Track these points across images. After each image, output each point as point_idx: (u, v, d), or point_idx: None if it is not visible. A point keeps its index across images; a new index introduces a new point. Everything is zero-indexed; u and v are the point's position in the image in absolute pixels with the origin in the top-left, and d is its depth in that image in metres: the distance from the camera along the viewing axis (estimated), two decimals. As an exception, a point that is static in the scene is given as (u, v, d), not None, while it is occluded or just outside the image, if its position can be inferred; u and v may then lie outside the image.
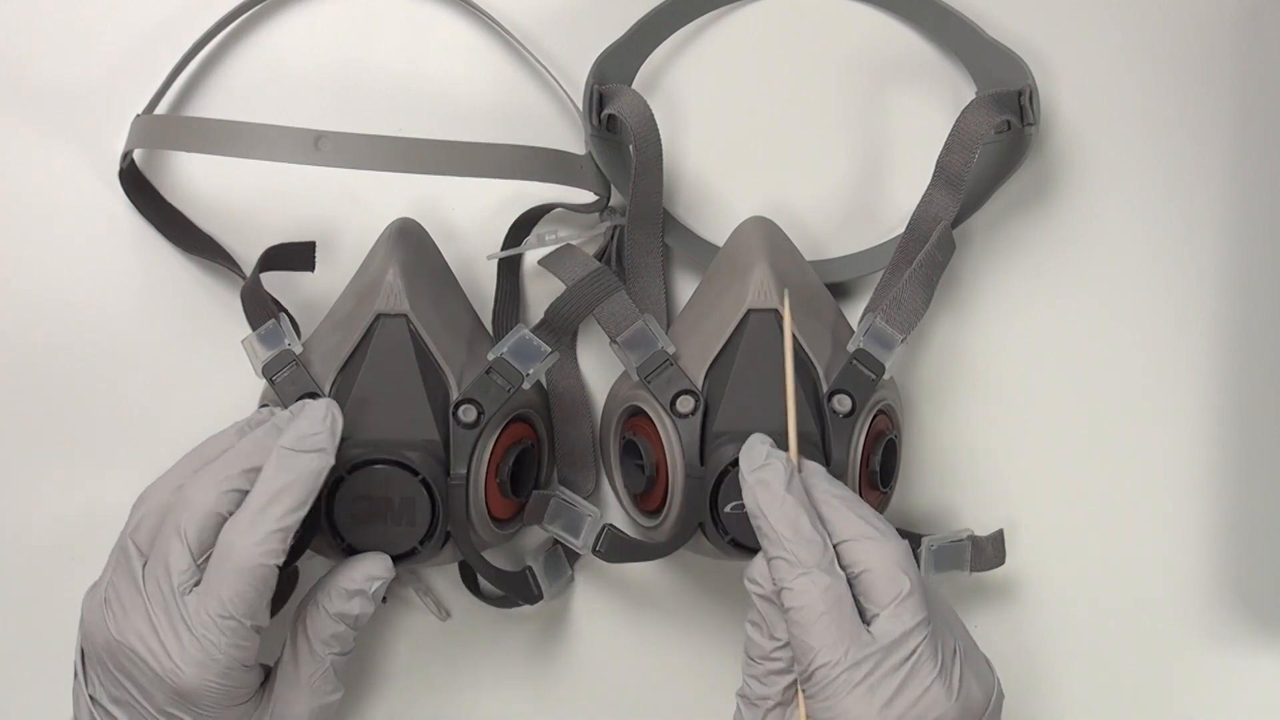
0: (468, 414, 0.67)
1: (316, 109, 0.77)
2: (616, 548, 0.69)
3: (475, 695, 0.77)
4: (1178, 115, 0.77)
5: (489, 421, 0.67)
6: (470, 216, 0.77)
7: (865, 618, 0.61)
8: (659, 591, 0.77)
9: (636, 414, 0.69)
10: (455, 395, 0.67)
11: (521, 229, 0.76)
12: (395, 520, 0.66)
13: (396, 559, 0.66)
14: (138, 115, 0.74)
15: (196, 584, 0.61)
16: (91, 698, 0.64)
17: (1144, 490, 0.76)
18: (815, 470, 0.64)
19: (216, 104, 0.77)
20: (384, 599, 0.76)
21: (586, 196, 0.75)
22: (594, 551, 0.69)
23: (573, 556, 0.73)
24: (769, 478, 0.62)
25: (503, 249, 0.75)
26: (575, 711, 0.77)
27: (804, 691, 0.61)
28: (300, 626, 0.66)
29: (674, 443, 0.67)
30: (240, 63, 0.77)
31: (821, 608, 0.60)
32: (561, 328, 0.68)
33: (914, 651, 0.60)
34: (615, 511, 0.75)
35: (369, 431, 0.66)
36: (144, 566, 0.62)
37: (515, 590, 0.70)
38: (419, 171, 0.67)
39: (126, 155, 0.74)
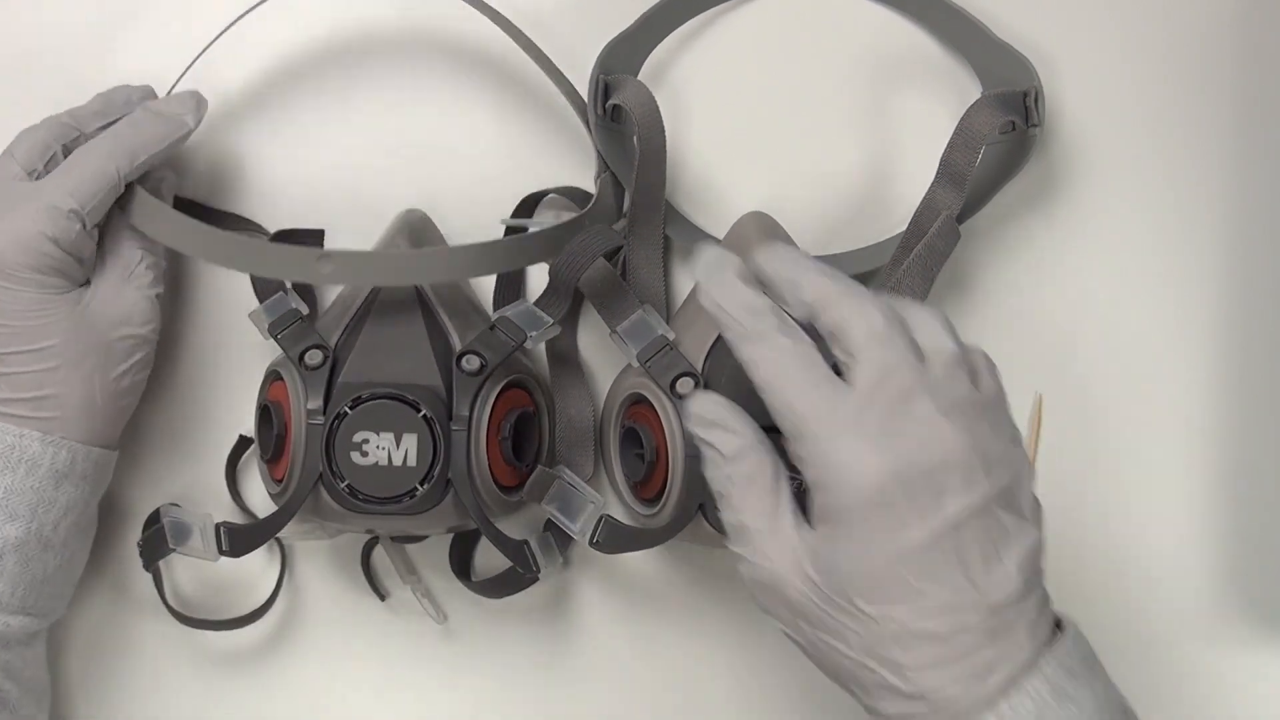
0: (471, 363, 0.68)
1: (313, 105, 0.78)
2: (615, 538, 0.68)
3: (475, 696, 0.77)
4: (1180, 116, 0.77)
5: (491, 373, 0.68)
6: (472, 217, 0.77)
7: (848, 375, 0.56)
8: (659, 588, 0.77)
9: (637, 402, 0.69)
10: (459, 348, 0.68)
11: (530, 207, 0.76)
12: (396, 459, 0.66)
13: (395, 500, 0.66)
14: (139, 186, 0.72)
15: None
16: None
17: (1143, 488, 0.76)
18: (774, 248, 0.59)
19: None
20: (382, 598, 0.76)
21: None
22: (591, 543, 0.68)
23: (563, 544, 0.73)
24: (715, 270, 0.58)
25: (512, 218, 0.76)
26: (576, 711, 0.77)
27: (796, 456, 0.56)
28: (108, 232, 0.71)
29: (674, 425, 0.67)
30: (234, 64, 0.78)
31: (788, 367, 0.56)
32: (565, 283, 0.69)
33: (902, 388, 0.55)
34: (613, 506, 0.74)
35: (373, 377, 0.67)
36: None
37: (513, 557, 0.70)
38: (431, 280, 0.70)
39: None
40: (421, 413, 0.66)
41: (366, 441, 0.66)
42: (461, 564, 0.75)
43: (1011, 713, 0.54)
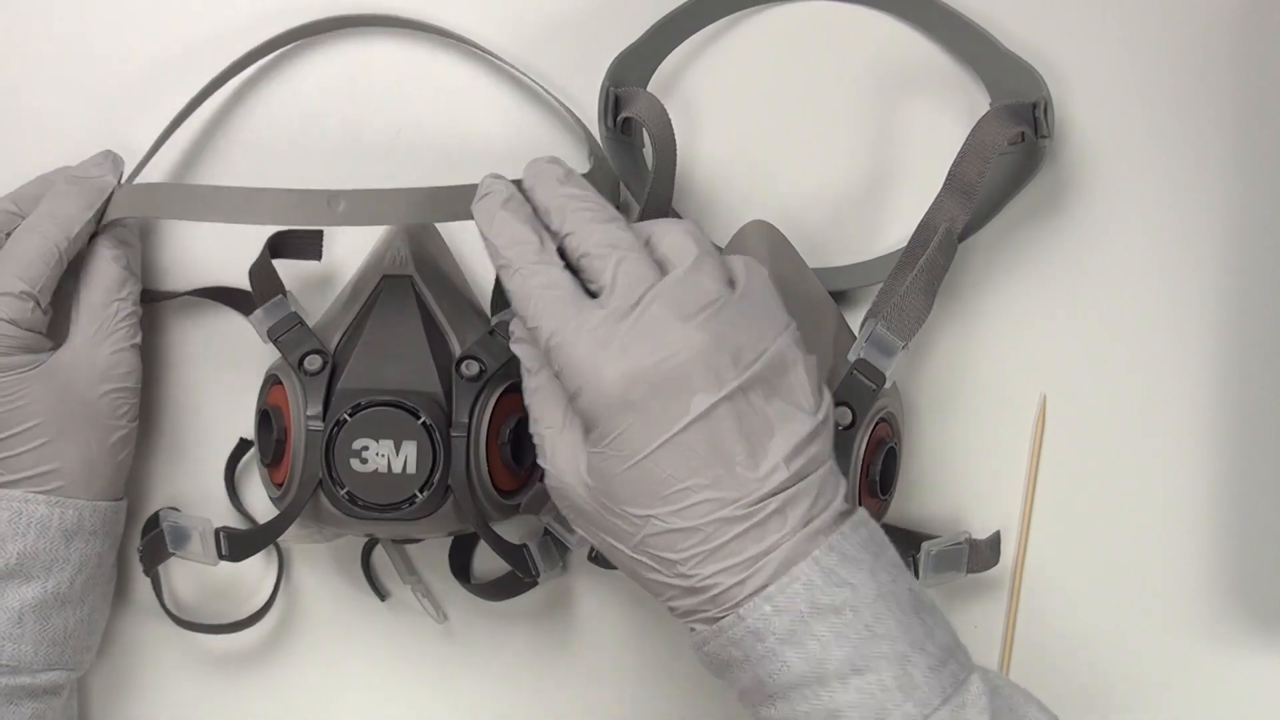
0: (470, 368, 0.68)
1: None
2: None
3: (475, 696, 0.77)
4: (1191, 130, 0.76)
5: (491, 378, 0.68)
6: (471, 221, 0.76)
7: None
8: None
9: None
10: (458, 353, 0.68)
11: None
12: (395, 465, 0.66)
13: (395, 507, 0.67)
14: (119, 186, 0.72)
15: None
16: None
17: (1144, 489, 0.76)
18: (545, 173, 0.63)
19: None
20: (382, 598, 0.76)
21: None
22: (590, 558, 0.69)
23: (563, 548, 0.73)
24: (487, 204, 0.62)
25: None
26: (575, 711, 0.77)
27: (555, 371, 0.59)
28: (83, 288, 0.70)
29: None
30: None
31: (538, 292, 0.59)
32: None
33: (635, 296, 0.57)
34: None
35: (372, 383, 0.67)
36: None
37: (513, 562, 0.70)
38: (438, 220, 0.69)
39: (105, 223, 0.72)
40: (421, 419, 0.66)
41: (366, 448, 0.66)
42: (461, 567, 0.76)
43: (781, 595, 0.56)
